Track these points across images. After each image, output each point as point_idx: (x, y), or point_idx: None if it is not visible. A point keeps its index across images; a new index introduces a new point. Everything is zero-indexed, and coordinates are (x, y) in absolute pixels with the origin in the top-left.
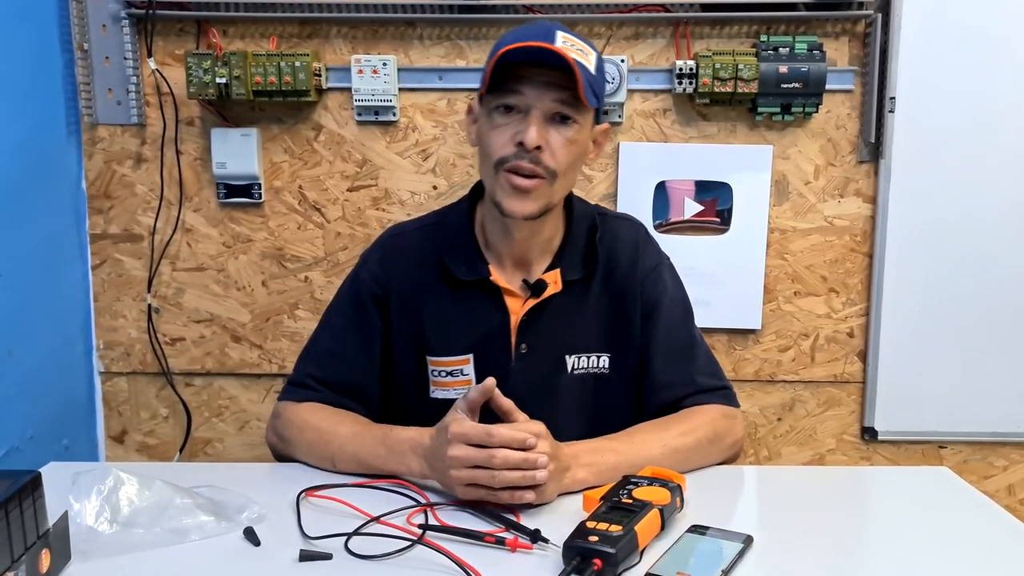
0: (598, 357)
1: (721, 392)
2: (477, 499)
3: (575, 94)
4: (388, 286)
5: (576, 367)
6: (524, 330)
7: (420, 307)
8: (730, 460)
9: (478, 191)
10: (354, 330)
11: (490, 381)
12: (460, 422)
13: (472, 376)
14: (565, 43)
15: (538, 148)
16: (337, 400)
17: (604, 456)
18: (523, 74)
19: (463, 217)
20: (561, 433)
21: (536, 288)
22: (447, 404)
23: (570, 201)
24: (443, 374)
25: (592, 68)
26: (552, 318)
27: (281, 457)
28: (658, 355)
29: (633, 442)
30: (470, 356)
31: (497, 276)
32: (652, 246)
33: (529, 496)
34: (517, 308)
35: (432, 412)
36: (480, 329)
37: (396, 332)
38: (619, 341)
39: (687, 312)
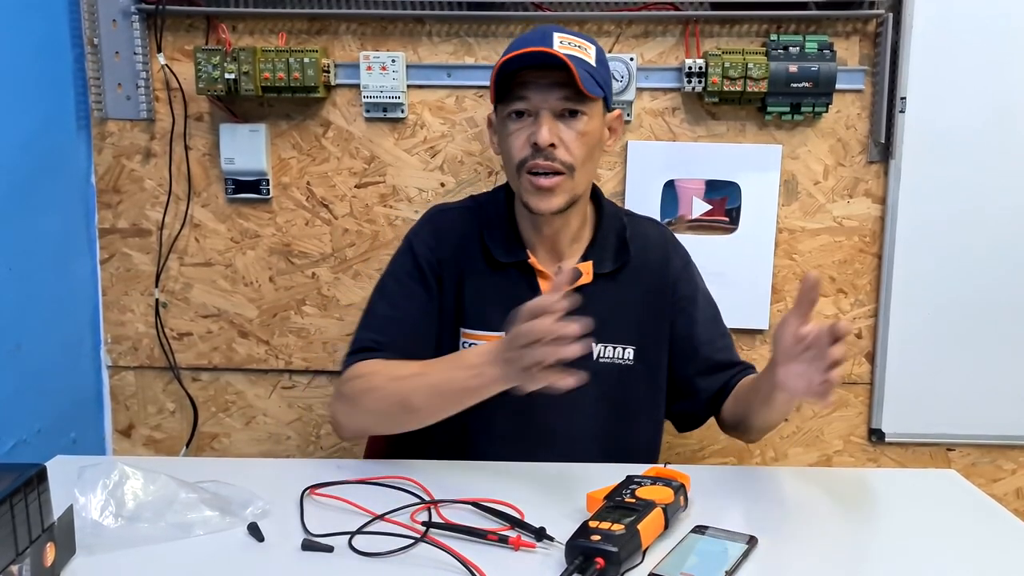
0: (624, 349)
1: None
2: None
3: (577, 89)
4: (441, 257)
5: (602, 355)
6: None
7: (464, 280)
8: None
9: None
10: (413, 297)
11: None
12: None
13: None
14: (562, 43)
15: (552, 146)
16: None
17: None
18: (526, 80)
19: (501, 204)
20: (585, 418)
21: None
22: None
23: (600, 200)
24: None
25: (592, 60)
26: (581, 306)
27: (349, 431)
28: (704, 343)
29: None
30: (503, 335)
31: (534, 260)
32: (680, 246)
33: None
34: None
35: None
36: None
37: (443, 302)
38: (646, 336)
39: (716, 309)
